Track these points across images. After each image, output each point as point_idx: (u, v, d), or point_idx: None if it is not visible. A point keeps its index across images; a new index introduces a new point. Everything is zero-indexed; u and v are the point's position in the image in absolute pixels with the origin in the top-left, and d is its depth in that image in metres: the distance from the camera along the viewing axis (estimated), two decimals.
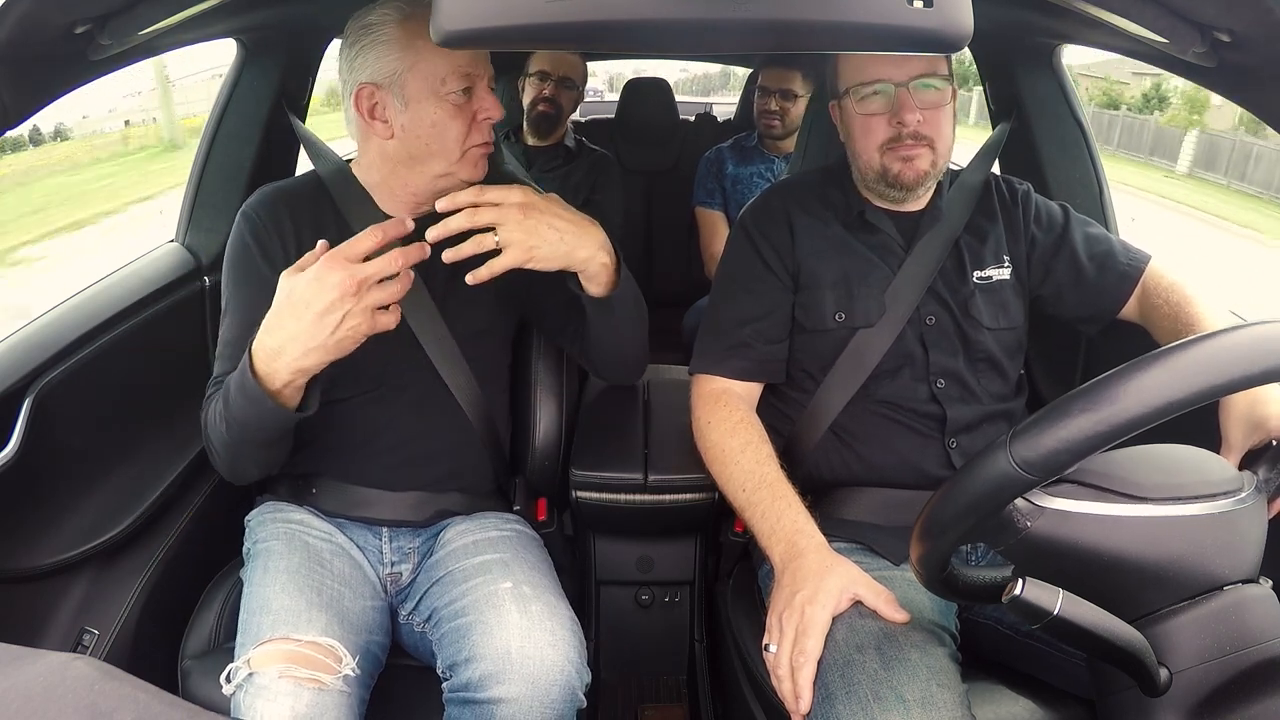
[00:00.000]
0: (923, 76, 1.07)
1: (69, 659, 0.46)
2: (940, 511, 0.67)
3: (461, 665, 0.93)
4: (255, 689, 0.87)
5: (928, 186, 1.14)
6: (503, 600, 0.95)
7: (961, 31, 0.67)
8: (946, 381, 1.11)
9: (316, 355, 0.88)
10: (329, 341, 0.87)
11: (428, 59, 0.99)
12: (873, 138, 1.10)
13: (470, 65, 1.01)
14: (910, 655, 0.84)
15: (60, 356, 1.13)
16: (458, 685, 0.92)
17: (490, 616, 0.94)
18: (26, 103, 0.77)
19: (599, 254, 1.00)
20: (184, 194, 1.54)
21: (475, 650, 0.92)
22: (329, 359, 0.89)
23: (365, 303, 0.85)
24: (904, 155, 1.08)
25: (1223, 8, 0.76)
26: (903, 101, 1.07)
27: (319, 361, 0.89)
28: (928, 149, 1.09)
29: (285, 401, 0.92)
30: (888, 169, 1.10)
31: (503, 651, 0.90)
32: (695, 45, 0.72)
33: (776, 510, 0.99)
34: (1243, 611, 0.66)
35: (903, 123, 1.07)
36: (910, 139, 1.08)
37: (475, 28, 0.64)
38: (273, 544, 1.07)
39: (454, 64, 1.00)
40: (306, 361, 0.88)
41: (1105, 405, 0.59)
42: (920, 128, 1.07)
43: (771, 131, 2.30)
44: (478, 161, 1.06)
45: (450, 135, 1.02)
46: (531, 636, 0.91)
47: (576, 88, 2.25)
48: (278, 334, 0.88)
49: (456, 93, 1.01)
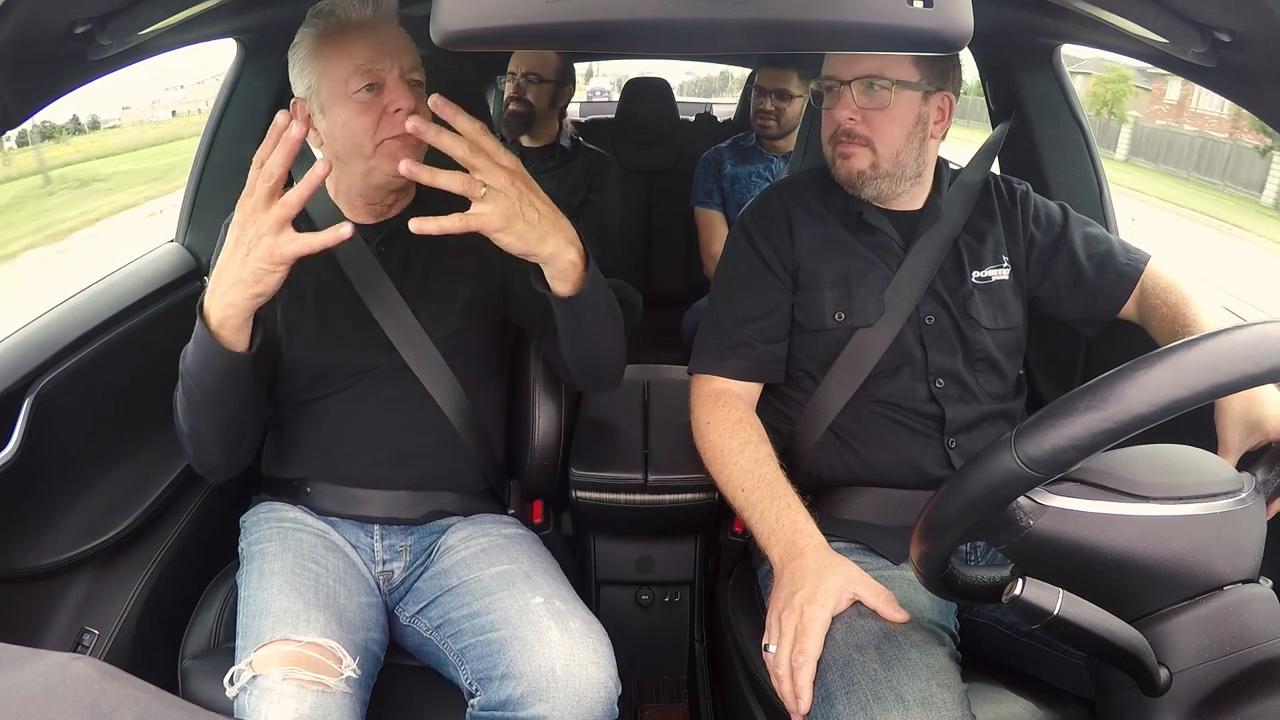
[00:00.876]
0: (869, 77, 1.08)
1: (69, 659, 0.47)
2: (943, 509, 0.67)
3: (496, 681, 0.92)
4: (259, 691, 0.87)
5: (871, 187, 1.13)
6: (539, 617, 0.95)
7: (961, 31, 0.67)
8: (946, 381, 1.11)
9: (239, 290, 0.89)
10: (244, 274, 0.88)
11: (334, 64, 1.02)
12: (825, 132, 1.15)
13: (372, 61, 1.02)
14: (910, 655, 0.84)
15: (60, 356, 1.13)
16: (492, 703, 0.92)
17: (528, 633, 0.93)
18: (26, 103, 0.77)
19: (567, 249, 0.96)
20: (184, 194, 1.54)
21: (513, 667, 0.91)
22: (250, 294, 0.89)
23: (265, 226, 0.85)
24: (842, 152, 1.12)
25: (1223, 8, 0.76)
26: (840, 99, 1.10)
27: (244, 296, 0.89)
28: (866, 149, 1.10)
29: (226, 341, 0.93)
30: (834, 163, 1.14)
31: (545, 670, 0.90)
32: (695, 45, 0.72)
33: (775, 510, 0.99)
34: (1243, 611, 0.66)
35: (836, 120, 1.11)
36: (844, 136, 1.11)
37: (475, 28, 0.65)
38: (267, 545, 1.07)
39: (354, 64, 1.02)
40: (232, 295, 0.90)
41: (1110, 403, 0.59)
42: (855, 126, 1.10)
43: (766, 131, 2.30)
44: (394, 153, 1.03)
45: (359, 131, 1.04)
46: (575, 655, 0.91)
47: (548, 81, 2.19)
48: (216, 273, 0.91)
49: (361, 90, 1.02)
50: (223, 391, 0.98)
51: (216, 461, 1.08)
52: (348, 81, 1.02)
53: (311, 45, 1.04)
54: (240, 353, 0.94)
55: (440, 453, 1.15)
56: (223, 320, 0.91)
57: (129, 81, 2.45)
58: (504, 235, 0.90)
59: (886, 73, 1.08)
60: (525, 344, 1.29)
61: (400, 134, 1.03)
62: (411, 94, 1.03)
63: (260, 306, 0.92)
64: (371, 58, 1.02)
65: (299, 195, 0.85)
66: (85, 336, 1.18)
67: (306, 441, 1.14)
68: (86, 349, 1.18)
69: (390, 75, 1.03)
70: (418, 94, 1.05)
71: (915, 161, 1.13)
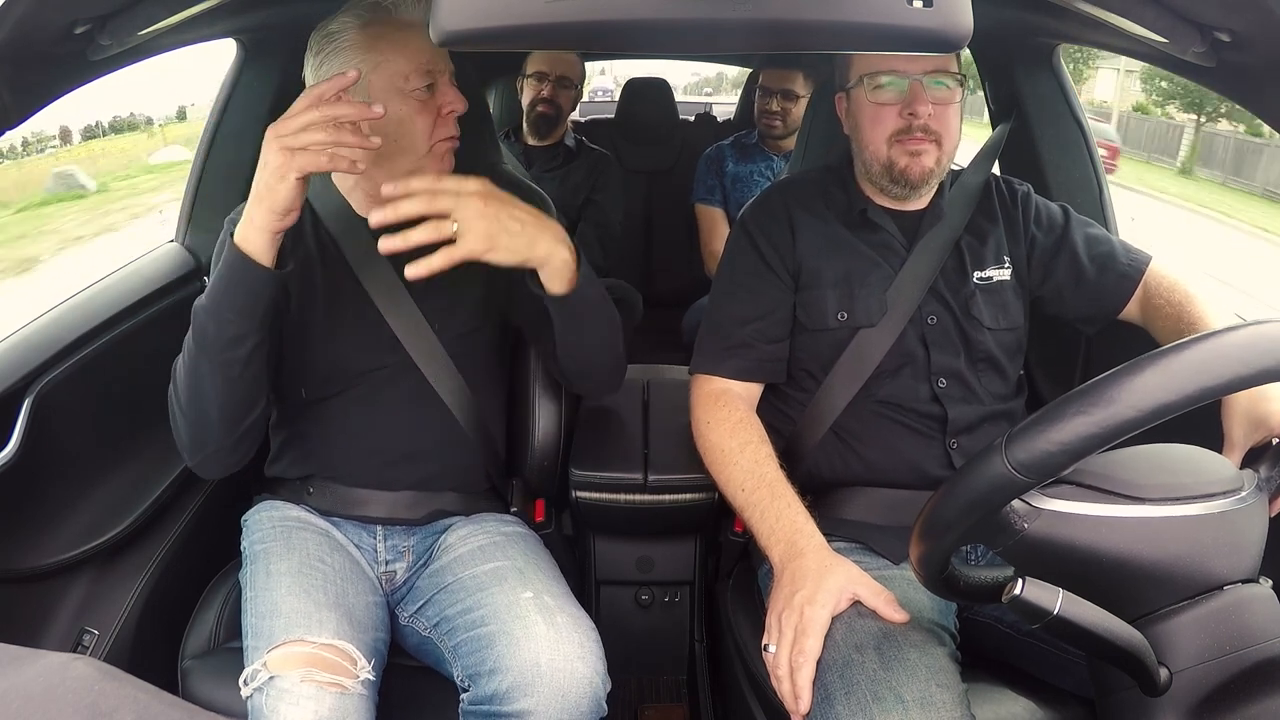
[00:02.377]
0: (935, 73, 1.07)
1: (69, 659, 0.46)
2: (938, 512, 0.67)
3: (485, 676, 0.92)
4: (276, 692, 0.87)
5: (931, 185, 1.14)
6: (526, 611, 0.95)
7: (961, 31, 0.67)
8: (948, 381, 1.11)
9: (259, 208, 0.90)
10: (261, 189, 0.89)
11: (390, 59, 1.02)
12: (882, 128, 1.10)
13: (432, 62, 1.03)
14: (909, 655, 0.84)
15: (60, 357, 1.13)
16: (481, 697, 0.92)
17: (515, 627, 0.93)
18: (27, 103, 0.77)
19: (559, 249, 0.98)
20: (184, 194, 1.54)
21: (500, 662, 0.91)
22: (274, 212, 0.89)
23: (286, 141, 0.87)
24: (911, 150, 1.08)
25: (1223, 8, 0.76)
26: (915, 94, 1.07)
27: (266, 214, 0.89)
28: (934, 145, 1.09)
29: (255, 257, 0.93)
30: (894, 163, 1.10)
31: (530, 664, 0.90)
32: (695, 45, 0.72)
33: (775, 510, 0.99)
34: (1243, 611, 0.66)
35: (914, 114, 1.07)
36: (920, 132, 1.07)
37: (475, 28, 0.65)
38: (271, 545, 1.07)
39: (416, 62, 1.02)
40: (255, 211, 0.90)
41: (1100, 407, 0.59)
42: (930, 122, 1.07)
43: (772, 132, 2.30)
44: (444, 155, 1.06)
45: (417, 131, 1.04)
46: (560, 649, 0.91)
47: (574, 87, 2.26)
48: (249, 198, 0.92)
49: (420, 89, 1.03)
50: (239, 330, 0.94)
51: (216, 440, 1.01)
52: (409, 78, 1.02)
53: (361, 37, 1.02)
54: (267, 269, 0.92)
55: (445, 453, 1.15)
56: (245, 237, 0.91)
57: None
58: (493, 255, 0.93)
59: (949, 66, 1.08)
60: (525, 345, 1.29)
61: (452, 135, 1.06)
62: (463, 98, 1.06)
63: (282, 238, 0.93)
64: (432, 59, 1.03)
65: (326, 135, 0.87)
66: (85, 336, 1.18)
67: (311, 441, 1.14)
68: (86, 349, 1.18)
69: (443, 78, 1.04)
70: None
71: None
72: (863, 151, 1.14)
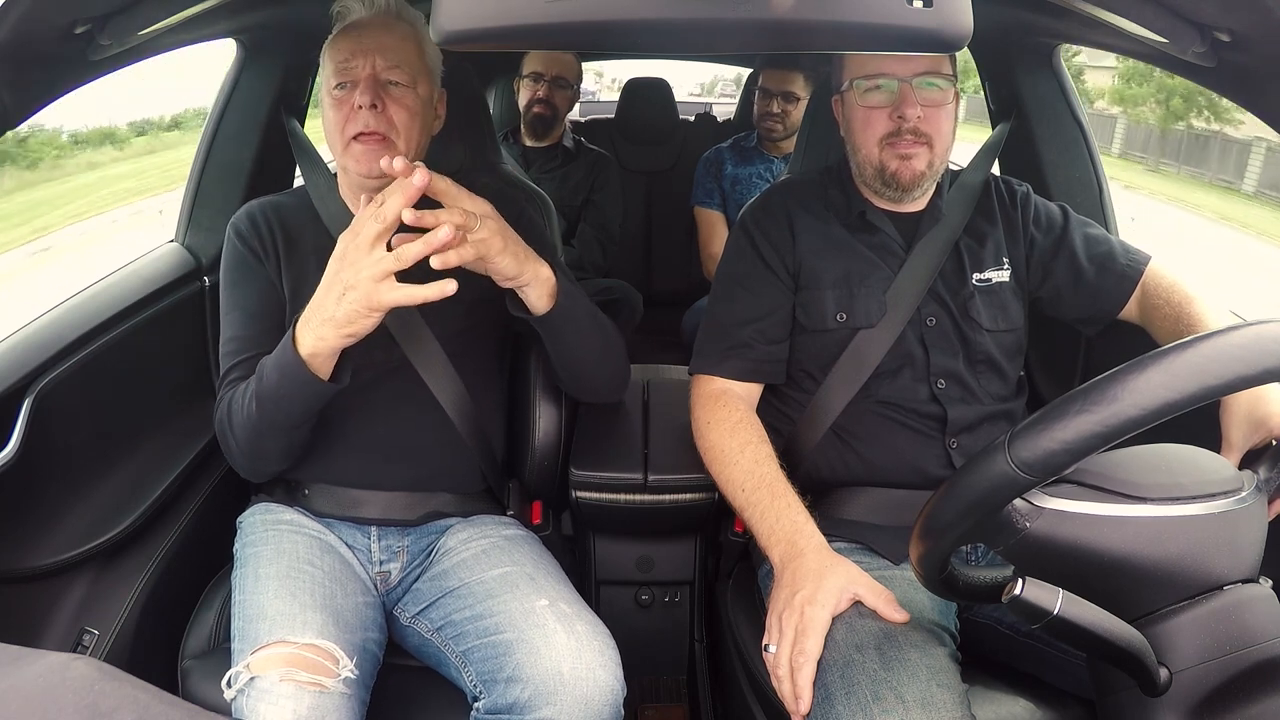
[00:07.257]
0: (926, 74, 1.07)
1: (69, 659, 0.47)
2: (939, 512, 0.67)
3: (502, 685, 0.92)
4: (257, 693, 0.87)
5: (924, 188, 1.14)
6: (544, 619, 0.95)
7: (961, 31, 0.67)
8: (947, 382, 1.11)
9: (330, 329, 0.90)
10: (337, 314, 0.89)
11: (325, 63, 1.07)
12: (873, 131, 1.10)
13: (348, 60, 1.05)
14: (910, 655, 0.84)
15: (60, 356, 1.13)
16: (499, 706, 0.92)
17: (534, 636, 0.93)
18: (27, 103, 0.78)
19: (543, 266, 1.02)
20: (183, 194, 1.54)
21: (520, 671, 0.91)
22: (343, 334, 0.90)
23: (366, 272, 0.87)
24: (902, 153, 1.08)
25: (1223, 8, 0.76)
26: (904, 96, 1.07)
27: (336, 335, 0.90)
28: (925, 148, 1.09)
29: (315, 370, 0.95)
30: (885, 166, 1.10)
31: (553, 673, 0.90)
32: (695, 45, 0.72)
33: (776, 510, 0.99)
34: (1243, 611, 0.66)
35: (903, 117, 1.07)
36: (909, 134, 1.07)
37: (475, 28, 0.65)
38: (261, 549, 1.07)
39: (335, 62, 1.06)
40: (324, 330, 0.90)
41: (1103, 406, 0.59)
42: (920, 124, 1.07)
43: (772, 134, 2.30)
44: (359, 154, 1.06)
45: (331, 127, 1.07)
46: (582, 658, 0.91)
47: (571, 87, 2.25)
48: (312, 303, 0.92)
49: (336, 87, 1.06)
50: (302, 415, 1.00)
51: (271, 470, 1.11)
52: (330, 79, 1.06)
53: (327, 47, 1.08)
54: (328, 384, 0.96)
55: (440, 453, 1.15)
56: (313, 352, 0.93)
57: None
58: (503, 256, 0.96)
59: (941, 68, 1.08)
60: (525, 345, 1.29)
61: (361, 131, 1.05)
62: (372, 92, 1.04)
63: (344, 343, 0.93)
64: (348, 56, 1.06)
65: (414, 252, 0.86)
66: (85, 336, 1.18)
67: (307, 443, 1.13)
68: (86, 349, 1.17)
69: (363, 74, 1.05)
70: (394, 95, 1.06)
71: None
72: (856, 154, 1.15)
